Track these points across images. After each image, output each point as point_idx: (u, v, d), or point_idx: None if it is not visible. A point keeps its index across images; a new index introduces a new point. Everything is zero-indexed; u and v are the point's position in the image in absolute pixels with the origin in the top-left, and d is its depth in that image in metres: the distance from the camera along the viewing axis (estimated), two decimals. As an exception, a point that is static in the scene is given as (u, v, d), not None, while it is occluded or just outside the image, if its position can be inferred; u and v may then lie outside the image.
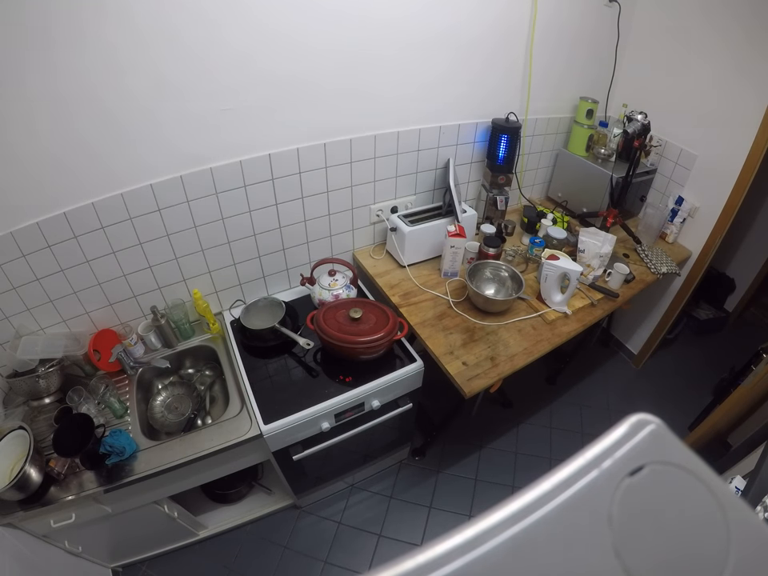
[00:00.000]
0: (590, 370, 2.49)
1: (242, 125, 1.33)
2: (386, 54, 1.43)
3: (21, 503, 1.15)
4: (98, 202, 1.25)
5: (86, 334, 1.45)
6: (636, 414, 0.24)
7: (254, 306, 1.61)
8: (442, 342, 1.45)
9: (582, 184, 2.02)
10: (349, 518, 1.82)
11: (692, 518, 0.21)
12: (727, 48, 1.63)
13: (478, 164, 1.93)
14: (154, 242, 1.41)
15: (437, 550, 0.19)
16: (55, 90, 1.06)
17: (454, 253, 1.63)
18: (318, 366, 1.50)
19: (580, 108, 1.93)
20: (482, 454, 2.06)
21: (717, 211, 1.85)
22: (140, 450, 1.28)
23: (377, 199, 1.77)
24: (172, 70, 1.16)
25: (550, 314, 1.55)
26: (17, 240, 1.19)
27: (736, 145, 1.69)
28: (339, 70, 1.38)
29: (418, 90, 1.56)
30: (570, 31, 1.76)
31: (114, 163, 1.22)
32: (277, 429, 1.32)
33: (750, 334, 2.70)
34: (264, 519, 1.81)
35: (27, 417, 1.35)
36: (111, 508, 1.30)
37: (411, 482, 1.95)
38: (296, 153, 1.46)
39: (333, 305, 1.50)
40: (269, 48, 1.25)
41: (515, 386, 2.22)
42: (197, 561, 1.69)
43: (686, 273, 2.07)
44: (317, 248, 1.77)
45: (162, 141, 1.25)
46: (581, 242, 1.71)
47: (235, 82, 1.25)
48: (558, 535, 0.20)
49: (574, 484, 0.21)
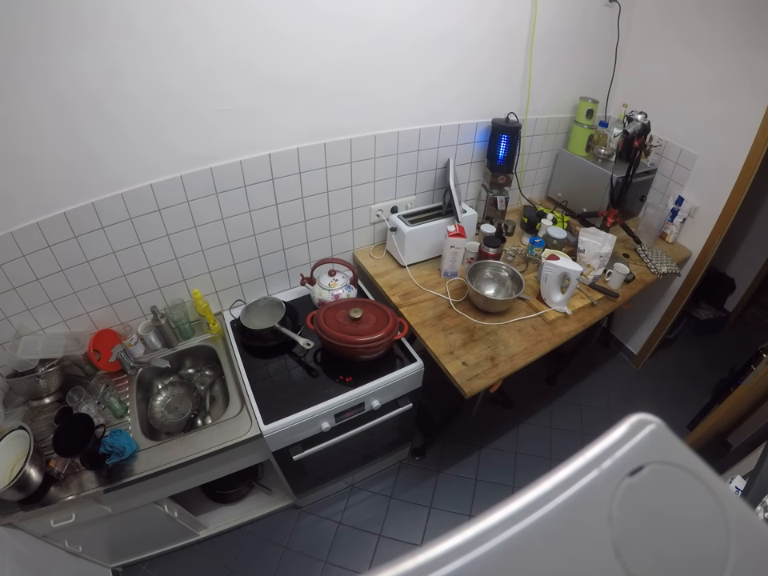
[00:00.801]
0: (590, 370, 2.49)
1: (242, 125, 1.33)
2: (386, 55, 1.43)
3: (21, 503, 1.15)
4: (98, 202, 1.25)
5: (86, 334, 1.45)
6: (636, 413, 0.24)
7: (254, 305, 1.61)
8: (442, 341, 1.45)
9: (582, 184, 2.02)
10: (349, 518, 1.82)
11: (692, 517, 0.21)
12: (727, 48, 1.63)
13: (478, 164, 1.93)
14: (154, 241, 1.41)
15: (437, 549, 0.19)
16: (56, 91, 1.05)
17: (454, 253, 1.63)
18: (318, 366, 1.50)
19: (580, 108, 1.93)
20: (481, 453, 2.06)
21: (717, 211, 1.84)
22: (140, 450, 1.28)
23: (377, 199, 1.77)
24: (172, 72, 1.16)
25: (550, 314, 1.55)
26: (17, 240, 1.20)
27: (736, 145, 1.69)
28: (339, 72, 1.38)
29: (418, 91, 1.57)
30: (570, 31, 1.75)
31: (115, 162, 1.22)
32: (277, 429, 1.32)
33: (749, 334, 2.70)
34: (264, 519, 1.81)
35: (27, 417, 1.35)
36: (111, 508, 1.30)
37: (411, 481, 1.95)
38: (296, 153, 1.46)
39: (333, 305, 1.50)
40: (269, 49, 1.24)
41: (515, 386, 2.22)
42: (197, 561, 1.69)
43: (686, 273, 2.07)
44: (317, 248, 1.77)
45: (162, 140, 1.24)
46: (581, 241, 1.71)
47: (235, 83, 1.25)
48: (558, 535, 0.20)
49: (574, 484, 0.21)
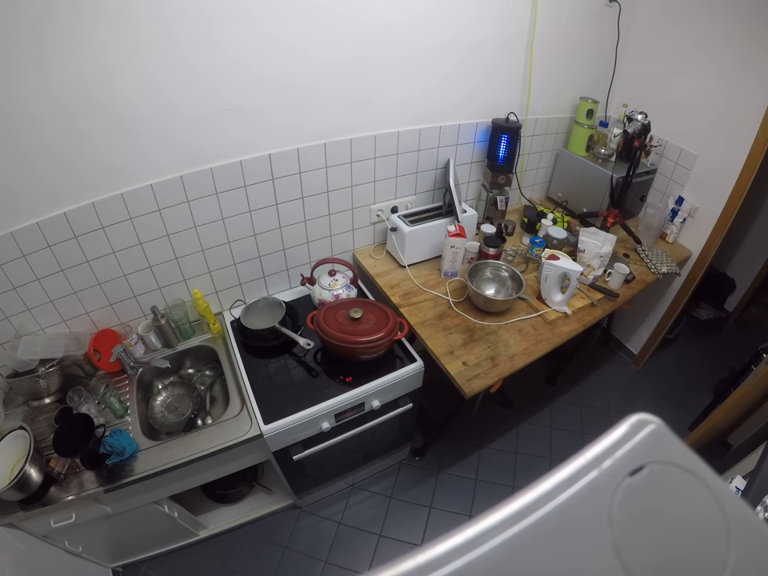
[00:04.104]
0: (590, 370, 2.49)
1: (243, 125, 1.33)
2: (387, 58, 1.43)
3: (21, 503, 1.15)
4: (98, 201, 1.25)
5: (86, 334, 1.45)
6: (636, 413, 0.24)
7: (254, 305, 1.61)
8: (442, 341, 1.45)
9: (582, 184, 2.01)
10: (349, 518, 1.82)
11: (692, 517, 0.21)
12: (728, 47, 1.63)
13: (478, 164, 1.93)
14: (154, 241, 1.41)
15: (437, 549, 0.19)
16: (57, 92, 1.06)
17: (454, 253, 1.63)
18: (318, 366, 1.50)
19: (580, 108, 1.93)
20: (482, 453, 2.06)
21: (717, 211, 1.84)
22: (140, 450, 1.28)
23: (377, 199, 1.77)
24: (174, 73, 1.16)
25: (550, 314, 1.55)
26: (17, 240, 1.20)
27: (736, 144, 1.69)
28: (340, 74, 1.38)
29: (419, 92, 1.57)
30: (571, 31, 1.75)
31: (116, 161, 1.22)
32: (277, 429, 1.32)
33: (749, 334, 2.70)
34: (264, 519, 1.81)
35: (27, 417, 1.35)
36: (111, 508, 1.30)
37: (411, 481, 1.95)
38: (296, 153, 1.46)
39: (333, 305, 1.50)
40: (271, 52, 1.25)
41: (515, 386, 2.22)
42: (197, 561, 1.69)
43: (686, 273, 2.07)
44: (317, 248, 1.77)
45: (163, 140, 1.24)
46: (581, 241, 1.71)
47: (238, 84, 1.25)
48: (558, 535, 0.20)
49: (574, 484, 0.21)
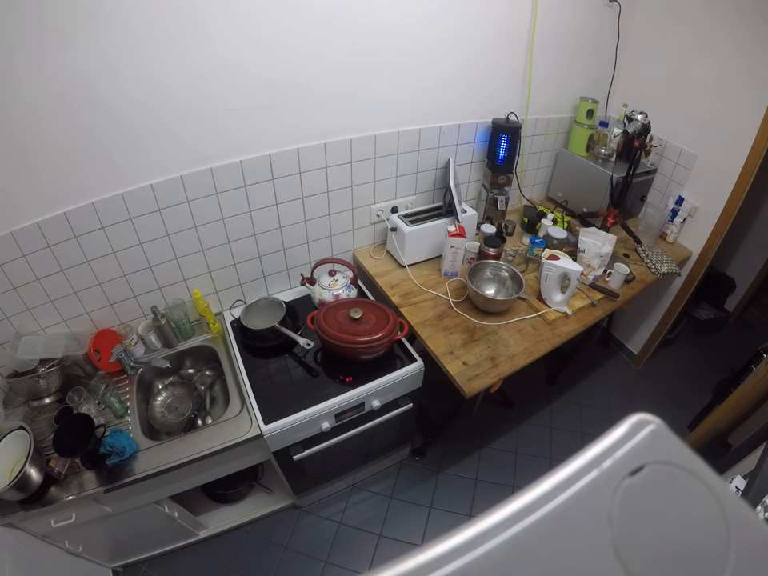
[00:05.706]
0: (590, 370, 2.49)
1: (244, 125, 1.33)
2: (387, 59, 1.43)
3: (21, 503, 1.15)
4: (98, 201, 1.25)
5: (86, 334, 1.45)
6: (636, 413, 0.24)
7: (254, 305, 1.61)
8: (442, 341, 1.45)
9: (582, 184, 2.01)
10: (349, 518, 1.82)
11: (692, 517, 0.21)
12: (728, 48, 1.63)
13: (478, 164, 1.93)
14: (154, 241, 1.41)
15: (437, 549, 0.19)
16: (59, 93, 1.06)
17: (455, 253, 1.63)
18: (318, 365, 1.50)
19: (580, 108, 1.93)
20: (482, 453, 2.06)
21: (717, 211, 1.84)
22: (140, 450, 1.28)
23: (377, 199, 1.77)
24: (175, 73, 1.16)
25: (550, 314, 1.55)
26: (17, 240, 1.20)
27: (736, 144, 1.69)
28: (340, 74, 1.38)
29: (419, 93, 1.57)
30: (571, 31, 1.75)
31: (116, 160, 1.22)
32: (277, 429, 1.32)
33: (749, 334, 2.70)
34: (264, 519, 1.81)
35: (27, 417, 1.35)
36: (111, 508, 1.30)
37: (411, 481, 1.95)
38: (296, 153, 1.46)
39: (333, 305, 1.50)
40: (271, 53, 1.25)
41: (515, 386, 2.22)
42: (197, 561, 1.69)
43: (686, 273, 2.07)
44: (317, 248, 1.76)
45: (164, 139, 1.24)
46: (581, 241, 1.71)
47: (238, 84, 1.25)
48: (558, 535, 0.20)
49: (574, 484, 0.21)
